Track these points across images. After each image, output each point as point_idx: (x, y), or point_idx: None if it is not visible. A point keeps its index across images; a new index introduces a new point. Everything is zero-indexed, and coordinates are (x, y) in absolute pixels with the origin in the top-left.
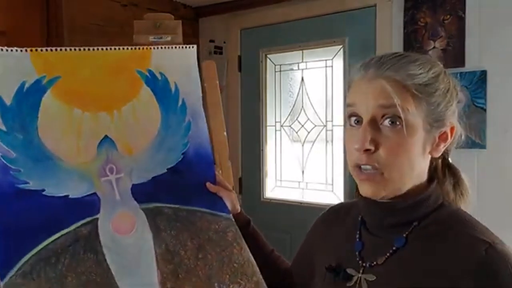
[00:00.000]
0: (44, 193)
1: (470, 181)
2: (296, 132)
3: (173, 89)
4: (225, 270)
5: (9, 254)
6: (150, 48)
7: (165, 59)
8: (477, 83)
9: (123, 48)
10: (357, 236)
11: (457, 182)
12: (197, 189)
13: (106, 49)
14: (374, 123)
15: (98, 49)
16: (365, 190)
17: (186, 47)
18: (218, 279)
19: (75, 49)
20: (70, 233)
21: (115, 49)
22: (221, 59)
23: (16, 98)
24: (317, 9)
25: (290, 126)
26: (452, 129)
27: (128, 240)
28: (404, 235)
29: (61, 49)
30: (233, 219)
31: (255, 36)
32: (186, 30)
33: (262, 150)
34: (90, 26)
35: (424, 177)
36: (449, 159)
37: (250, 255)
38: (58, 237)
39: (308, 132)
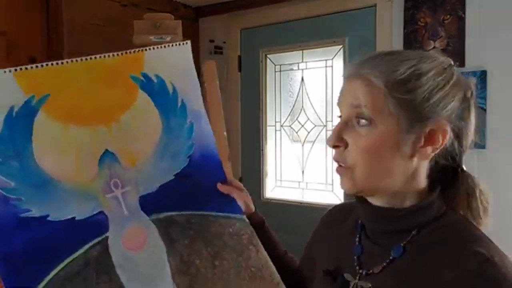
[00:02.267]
0: (48, 218)
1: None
2: (296, 132)
3: (170, 90)
4: (243, 275)
5: (21, 286)
6: (142, 50)
7: (159, 59)
8: (477, 83)
9: (113, 55)
10: (357, 239)
11: (472, 194)
12: (208, 192)
13: (95, 57)
14: (348, 122)
15: (86, 59)
16: (341, 185)
17: (179, 44)
18: (235, 286)
19: (61, 63)
20: (80, 256)
21: (104, 56)
22: (221, 59)
23: (6, 125)
24: (317, 9)
25: (290, 126)
26: (444, 131)
27: (141, 255)
28: (402, 244)
29: (47, 65)
30: (247, 220)
31: (255, 36)
32: (186, 30)
33: (262, 150)
34: (90, 26)
35: (419, 182)
36: (463, 166)
37: (267, 256)
38: (69, 262)
39: (308, 132)
